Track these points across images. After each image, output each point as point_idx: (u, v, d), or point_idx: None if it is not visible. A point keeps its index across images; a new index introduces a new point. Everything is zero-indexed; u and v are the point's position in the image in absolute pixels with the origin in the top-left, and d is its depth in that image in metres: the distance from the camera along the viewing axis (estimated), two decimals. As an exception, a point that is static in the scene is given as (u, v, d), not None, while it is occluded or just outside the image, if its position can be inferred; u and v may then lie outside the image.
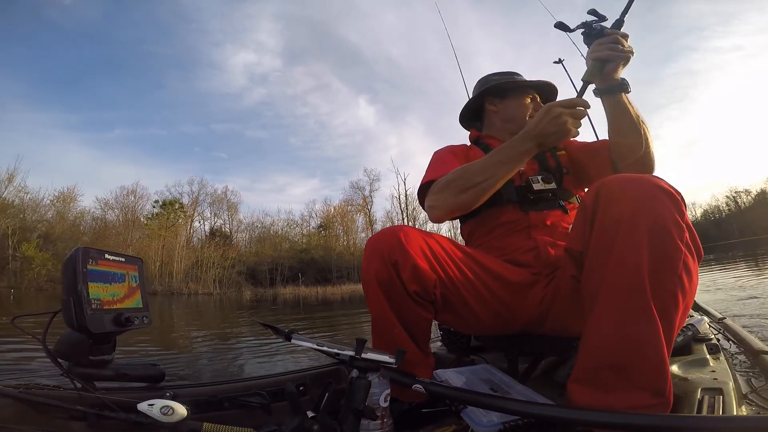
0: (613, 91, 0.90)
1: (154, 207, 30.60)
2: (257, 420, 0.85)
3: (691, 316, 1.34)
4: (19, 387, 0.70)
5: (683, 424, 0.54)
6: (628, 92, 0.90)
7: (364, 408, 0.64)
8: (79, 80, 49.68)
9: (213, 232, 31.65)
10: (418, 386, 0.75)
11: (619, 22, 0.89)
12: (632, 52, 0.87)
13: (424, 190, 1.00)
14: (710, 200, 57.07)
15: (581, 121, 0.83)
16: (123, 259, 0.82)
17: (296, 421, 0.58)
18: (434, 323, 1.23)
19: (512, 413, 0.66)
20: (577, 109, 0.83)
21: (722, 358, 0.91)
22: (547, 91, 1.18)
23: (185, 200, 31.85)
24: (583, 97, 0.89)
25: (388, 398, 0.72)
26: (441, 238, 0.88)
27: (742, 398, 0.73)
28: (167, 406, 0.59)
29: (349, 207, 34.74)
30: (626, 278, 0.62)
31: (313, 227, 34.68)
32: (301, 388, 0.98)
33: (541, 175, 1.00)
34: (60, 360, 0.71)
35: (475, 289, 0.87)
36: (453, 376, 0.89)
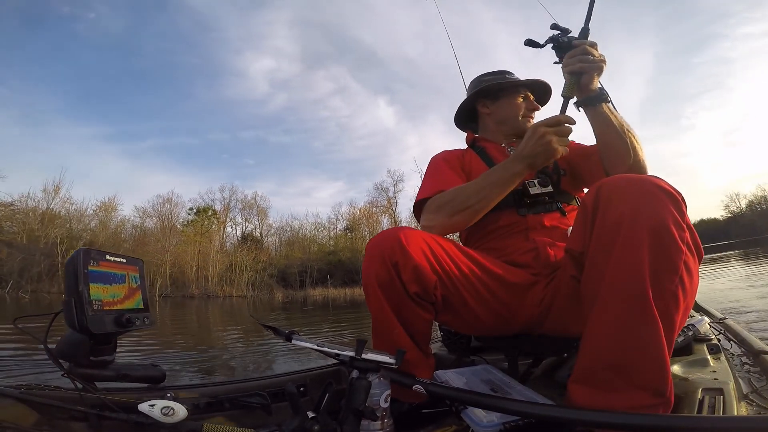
0: (591, 103, 0.90)
1: (188, 214, 31.84)
2: (257, 420, 0.85)
3: (691, 317, 1.34)
4: (20, 387, 0.70)
5: (683, 424, 0.54)
6: (608, 101, 0.91)
7: (364, 408, 0.64)
8: (112, 93, 51.59)
9: (245, 237, 32.46)
10: (418, 387, 0.75)
11: (584, 31, 0.90)
12: (604, 61, 0.87)
13: (419, 206, 1.02)
14: (756, 190, 55.39)
15: (570, 132, 0.84)
16: (124, 260, 0.83)
17: (296, 421, 0.58)
18: (435, 324, 1.23)
19: (512, 413, 0.66)
20: (561, 127, 0.83)
21: (723, 358, 0.91)
22: (540, 89, 1.17)
23: (217, 206, 33.01)
24: (566, 113, 0.89)
25: (389, 399, 0.72)
26: (441, 239, 0.88)
27: (743, 398, 0.73)
28: (168, 407, 0.59)
29: (374, 208, 34.88)
30: (627, 279, 0.62)
31: (339, 229, 35.05)
32: (301, 388, 0.99)
33: (538, 178, 1.00)
34: (61, 360, 0.71)
35: (476, 289, 0.86)
36: (453, 377, 0.89)
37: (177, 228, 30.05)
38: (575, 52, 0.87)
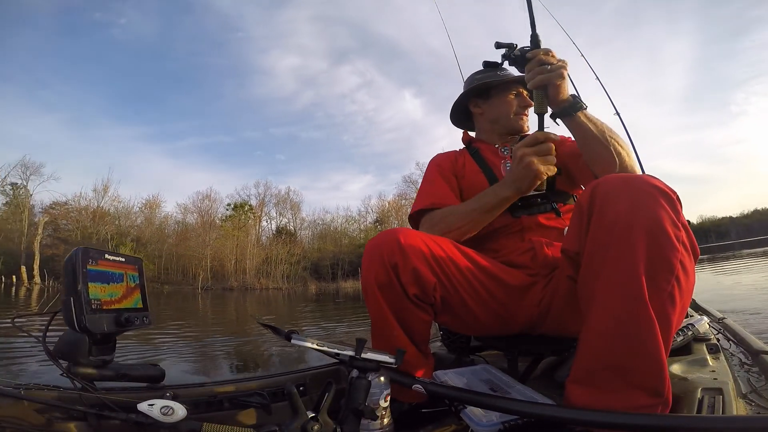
0: (565, 113, 0.87)
1: (227, 209, 33.04)
2: (257, 420, 0.85)
3: (691, 316, 1.34)
4: (19, 387, 0.70)
5: (683, 424, 0.54)
6: (583, 109, 0.87)
7: (364, 408, 0.64)
8: (150, 95, 55.21)
9: (279, 231, 33.37)
10: (417, 386, 0.75)
11: (534, 39, 0.85)
12: (563, 66, 0.83)
13: (414, 217, 1.05)
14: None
15: (550, 149, 0.82)
16: (123, 259, 0.82)
17: (296, 421, 0.58)
18: (435, 324, 1.23)
19: (512, 413, 0.66)
20: (540, 146, 0.82)
21: (722, 358, 0.91)
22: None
23: (253, 202, 34.24)
24: (544, 129, 0.86)
25: (388, 398, 0.72)
26: (441, 239, 0.87)
27: (742, 398, 0.73)
28: (167, 406, 0.59)
29: (403, 201, 35.05)
30: (623, 279, 0.62)
31: (369, 222, 35.47)
32: (301, 388, 0.98)
33: None
34: (60, 360, 0.71)
35: (475, 290, 0.86)
36: (453, 377, 0.89)
37: (216, 223, 31.31)
38: (531, 65, 0.84)
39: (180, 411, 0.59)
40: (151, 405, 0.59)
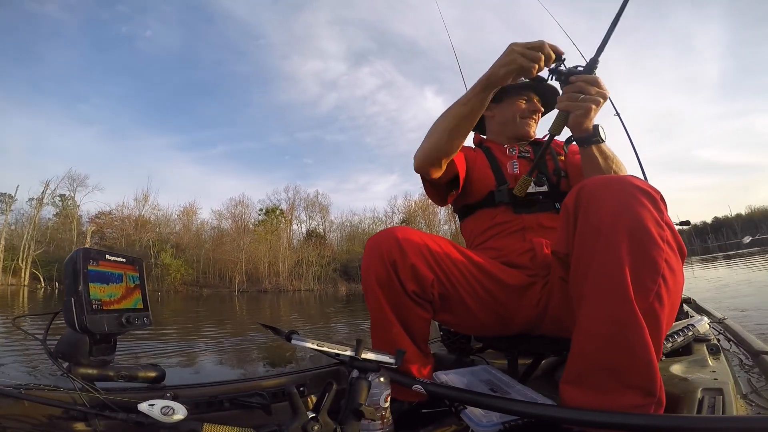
0: (580, 144, 0.87)
1: (259, 214, 34.18)
2: (257, 420, 0.85)
3: (691, 317, 1.34)
4: (20, 387, 0.70)
5: (683, 424, 0.54)
6: (599, 142, 0.85)
7: (364, 408, 0.64)
8: (179, 104, 56.52)
9: (309, 234, 34.17)
10: (418, 387, 0.75)
11: (590, 64, 0.80)
12: (596, 101, 0.79)
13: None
14: None
15: (539, 58, 0.78)
16: (124, 260, 0.82)
17: (296, 421, 0.58)
18: (435, 324, 1.24)
19: (512, 413, 0.66)
20: (531, 50, 0.78)
21: (722, 358, 0.91)
22: (547, 92, 1.15)
23: (283, 206, 35.26)
24: (550, 148, 0.87)
25: (389, 399, 0.72)
26: (439, 238, 0.88)
27: (743, 398, 0.73)
28: (168, 407, 0.59)
29: (430, 200, 34.56)
30: (609, 281, 0.62)
31: (396, 222, 35.40)
32: (301, 388, 0.98)
33: (535, 178, 0.98)
34: (60, 360, 0.71)
35: (473, 289, 0.87)
36: (453, 377, 0.89)
37: (249, 228, 32.42)
38: (569, 88, 0.80)
39: (180, 411, 0.59)
40: (152, 405, 0.59)
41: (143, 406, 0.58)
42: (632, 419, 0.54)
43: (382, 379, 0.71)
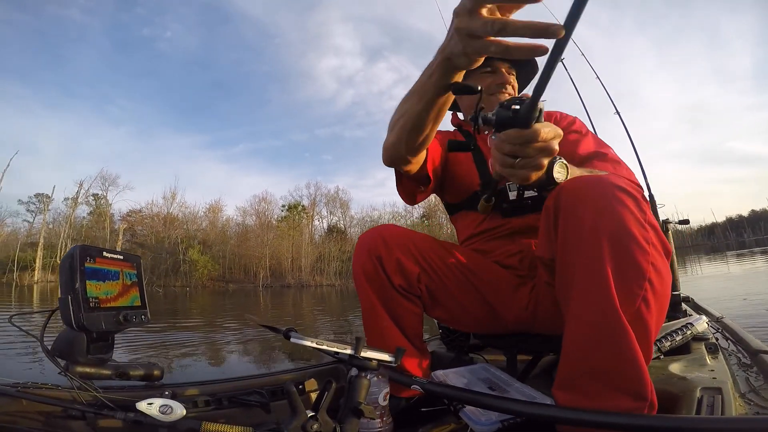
0: (540, 191, 0.76)
1: (282, 210, 34.90)
2: (256, 418, 0.85)
3: (690, 315, 1.34)
4: (17, 385, 0.70)
5: (683, 424, 0.54)
6: (550, 189, 0.67)
7: (363, 407, 0.63)
8: (202, 104, 59.03)
9: (330, 229, 34.50)
10: (416, 386, 0.75)
11: (528, 108, 0.52)
12: (548, 152, 0.56)
13: None
14: None
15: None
16: (121, 257, 0.82)
17: (295, 419, 0.58)
18: (435, 322, 1.24)
19: (510, 413, 0.66)
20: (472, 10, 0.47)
21: (721, 357, 0.91)
22: (523, 63, 0.99)
23: (305, 202, 35.83)
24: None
25: (388, 397, 0.72)
26: (425, 236, 0.91)
27: (741, 398, 0.73)
28: (166, 405, 0.59)
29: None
30: (592, 289, 0.60)
31: (416, 217, 35.62)
32: (300, 386, 0.98)
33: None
34: (58, 358, 0.70)
35: (461, 283, 0.88)
36: (451, 376, 0.89)
37: (273, 224, 33.01)
38: (497, 146, 0.57)
39: (179, 410, 0.59)
40: (150, 404, 0.58)
41: (142, 405, 0.58)
42: (632, 419, 0.54)
43: (381, 377, 0.71)
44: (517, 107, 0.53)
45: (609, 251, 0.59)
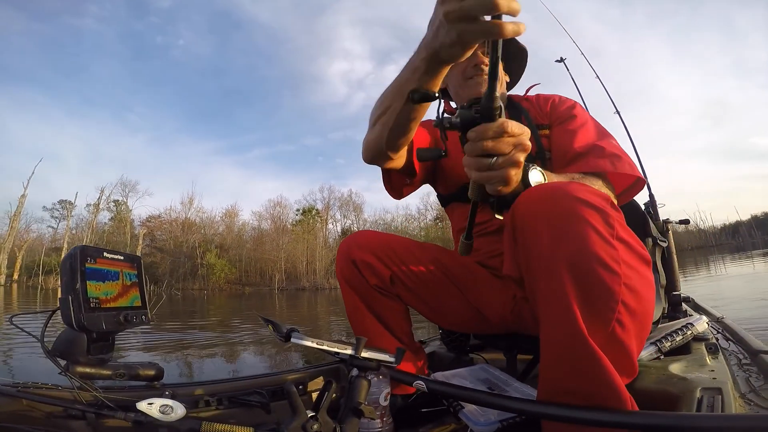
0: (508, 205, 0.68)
1: (296, 214, 35.85)
2: (257, 419, 0.85)
3: (690, 315, 1.34)
4: (18, 385, 0.70)
5: (683, 423, 0.54)
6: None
7: (363, 407, 0.63)
8: (216, 110, 59.52)
9: (344, 232, 35.18)
10: (419, 383, 0.75)
11: (487, 100, 0.51)
12: (523, 148, 0.54)
13: None
14: None
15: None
16: (122, 258, 0.82)
17: (296, 420, 0.58)
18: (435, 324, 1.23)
19: (509, 411, 0.66)
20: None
21: (721, 357, 0.91)
22: (515, 53, 0.95)
23: (319, 206, 36.82)
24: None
25: (388, 397, 0.72)
26: (402, 239, 0.93)
27: (741, 398, 0.73)
28: (166, 405, 0.59)
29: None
30: (557, 316, 0.55)
31: (429, 220, 35.91)
32: (300, 387, 0.98)
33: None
34: (58, 358, 0.70)
35: (444, 286, 0.89)
36: (450, 378, 0.89)
37: (287, 228, 34.08)
38: (470, 150, 0.55)
39: (179, 410, 0.59)
40: (150, 404, 0.58)
41: (142, 405, 0.58)
42: (631, 418, 0.54)
43: (381, 377, 0.71)
44: (478, 105, 0.53)
45: (570, 279, 0.53)
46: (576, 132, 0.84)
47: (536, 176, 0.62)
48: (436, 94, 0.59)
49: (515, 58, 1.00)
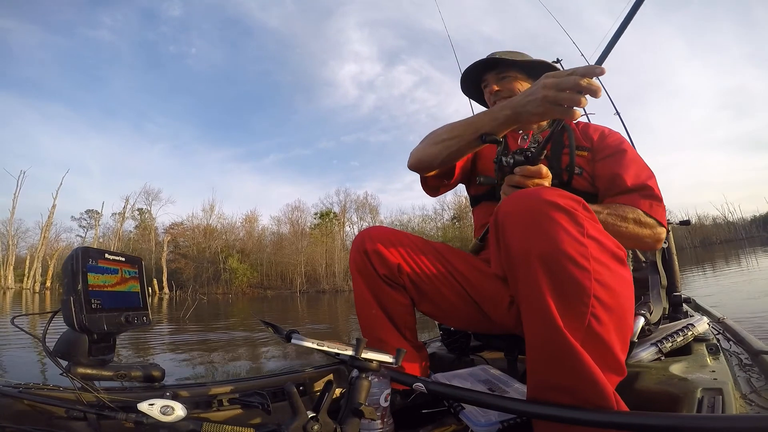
0: None
1: (314, 218, 36.11)
2: (257, 419, 0.85)
3: (691, 316, 1.34)
4: (19, 386, 0.70)
5: (683, 423, 0.54)
6: None
7: (364, 408, 0.63)
8: (233, 118, 60.36)
9: None
10: (419, 384, 0.75)
11: (533, 156, 0.77)
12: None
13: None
14: None
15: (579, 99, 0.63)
16: (123, 259, 0.82)
17: (296, 421, 0.58)
18: (436, 325, 1.24)
19: (510, 412, 0.66)
20: (565, 79, 0.64)
21: (722, 358, 0.91)
22: (536, 72, 1.03)
23: (335, 209, 36.90)
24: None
25: (389, 398, 0.72)
26: (413, 235, 0.98)
27: (742, 398, 0.73)
28: (167, 406, 0.59)
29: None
30: (535, 311, 0.59)
31: (446, 220, 35.82)
32: (301, 387, 0.98)
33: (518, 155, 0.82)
34: (60, 359, 0.71)
35: (446, 278, 0.91)
36: (451, 379, 0.89)
37: (306, 231, 34.29)
38: (507, 185, 0.79)
39: (180, 411, 0.59)
40: (151, 405, 0.58)
41: (143, 406, 0.58)
42: (632, 418, 0.54)
43: (382, 378, 0.71)
44: (529, 153, 0.78)
45: (543, 273, 0.58)
46: (628, 168, 0.90)
47: None
48: (501, 140, 0.81)
49: (541, 70, 1.06)
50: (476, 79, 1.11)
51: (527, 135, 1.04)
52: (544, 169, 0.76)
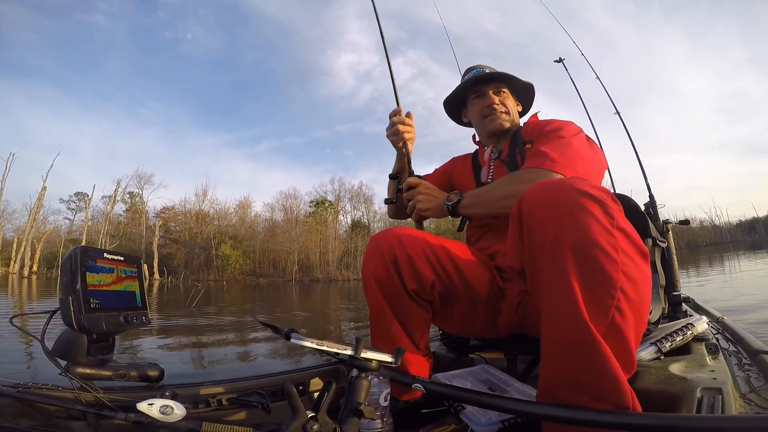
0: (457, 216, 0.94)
1: (309, 206, 35.84)
2: (256, 419, 0.85)
3: (690, 316, 1.34)
4: (18, 386, 0.70)
5: (683, 423, 0.54)
6: (458, 210, 0.93)
7: (363, 408, 0.63)
8: (226, 104, 60.23)
9: (354, 224, 35.33)
10: (417, 386, 0.75)
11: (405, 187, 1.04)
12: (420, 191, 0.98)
13: None
14: None
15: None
16: (122, 258, 0.82)
17: (296, 420, 0.58)
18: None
19: (510, 412, 0.66)
20: (389, 123, 1.15)
21: (721, 358, 0.91)
22: (521, 88, 1.13)
23: (330, 197, 36.81)
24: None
25: (388, 398, 0.72)
26: (438, 238, 0.88)
27: (741, 398, 0.73)
28: (167, 406, 0.59)
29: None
30: (560, 302, 0.58)
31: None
32: (300, 387, 0.98)
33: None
34: (59, 359, 0.71)
35: (469, 287, 0.87)
36: (451, 379, 0.89)
37: (300, 219, 34.06)
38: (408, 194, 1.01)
39: (179, 410, 0.59)
40: (151, 404, 0.58)
41: (142, 406, 0.58)
42: (631, 419, 0.54)
43: (381, 378, 0.71)
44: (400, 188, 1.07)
45: (574, 263, 0.57)
46: (551, 144, 0.89)
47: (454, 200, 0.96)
48: (394, 199, 1.14)
49: (525, 91, 1.15)
50: (463, 86, 1.14)
51: (494, 152, 1.10)
52: (412, 179, 1.03)
